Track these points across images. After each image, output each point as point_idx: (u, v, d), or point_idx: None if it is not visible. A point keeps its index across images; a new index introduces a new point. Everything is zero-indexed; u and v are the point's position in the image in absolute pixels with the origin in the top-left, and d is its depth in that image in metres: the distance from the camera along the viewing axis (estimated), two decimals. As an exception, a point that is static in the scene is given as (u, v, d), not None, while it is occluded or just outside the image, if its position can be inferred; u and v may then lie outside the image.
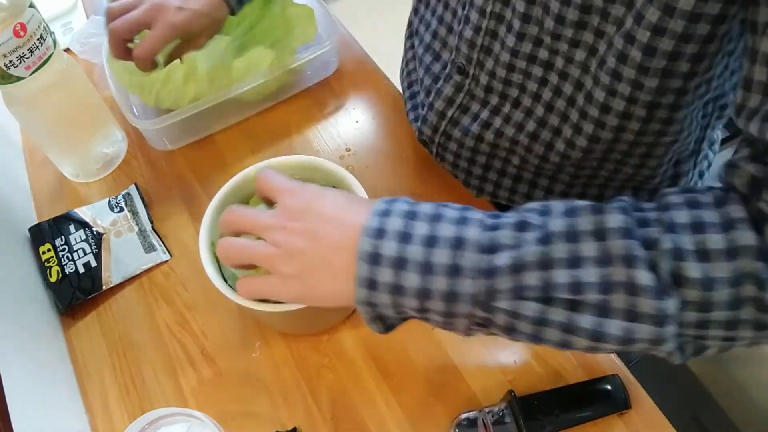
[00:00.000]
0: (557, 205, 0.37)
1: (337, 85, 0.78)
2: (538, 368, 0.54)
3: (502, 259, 0.34)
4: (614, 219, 0.33)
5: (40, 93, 0.61)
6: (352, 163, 0.70)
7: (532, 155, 0.55)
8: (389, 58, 1.01)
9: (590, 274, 0.33)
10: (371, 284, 0.36)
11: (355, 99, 0.77)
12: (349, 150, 0.71)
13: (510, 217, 0.36)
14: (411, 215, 0.37)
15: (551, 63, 0.48)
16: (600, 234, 0.33)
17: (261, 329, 0.59)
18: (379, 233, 0.36)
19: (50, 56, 0.59)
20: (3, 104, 0.62)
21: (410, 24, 0.67)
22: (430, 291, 0.35)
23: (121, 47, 0.59)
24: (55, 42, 0.61)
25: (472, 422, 0.49)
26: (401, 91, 0.71)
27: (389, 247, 0.35)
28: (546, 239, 0.34)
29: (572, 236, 0.34)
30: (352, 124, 0.74)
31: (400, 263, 0.35)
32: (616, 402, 0.50)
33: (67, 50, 0.78)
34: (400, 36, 0.70)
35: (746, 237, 0.32)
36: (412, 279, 0.35)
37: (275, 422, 0.53)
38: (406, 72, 0.69)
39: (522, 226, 0.35)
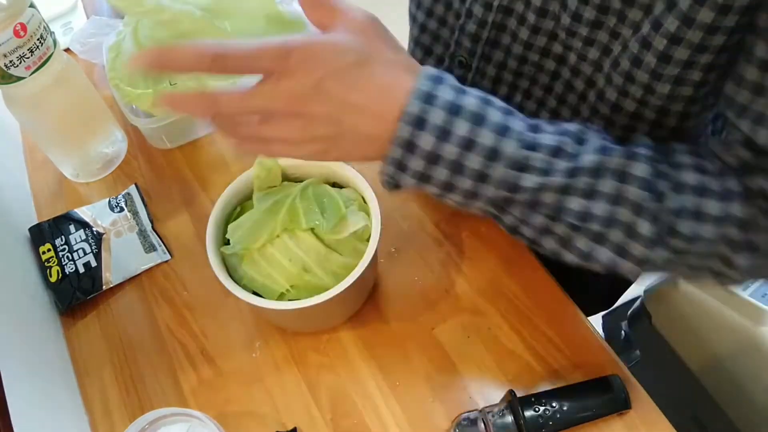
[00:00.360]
0: (593, 139, 0.39)
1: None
2: (538, 368, 0.54)
3: (529, 181, 0.37)
4: (640, 168, 0.37)
5: (40, 93, 0.61)
6: (351, 163, 0.70)
7: None
8: (389, 58, 1.01)
9: (600, 207, 0.37)
10: (401, 167, 0.37)
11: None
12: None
13: (548, 138, 0.38)
14: (455, 110, 0.36)
15: (564, 58, 0.48)
16: (622, 176, 0.37)
17: (261, 329, 0.59)
18: (419, 123, 0.36)
19: (50, 56, 0.60)
20: (3, 104, 0.62)
21: None
22: (453, 186, 0.38)
23: None
24: (55, 42, 0.61)
25: (472, 422, 0.49)
26: None
27: (426, 140, 0.36)
28: (574, 171, 0.37)
29: (597, 172, 0.37)
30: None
31: (433, 158, 0.36)
32: (616, 402, 0.50)
33: (67, 50, 0.78)
34: (401, 36, 0.69)
35: (735, 208, 0.37)
36: (440, 172, 0.37)
37: (275, 422, 0.53)
38: None
39: (557, 152, 0.37)
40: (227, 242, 0.53)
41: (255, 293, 0.51)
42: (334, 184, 0.56)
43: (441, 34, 0.56)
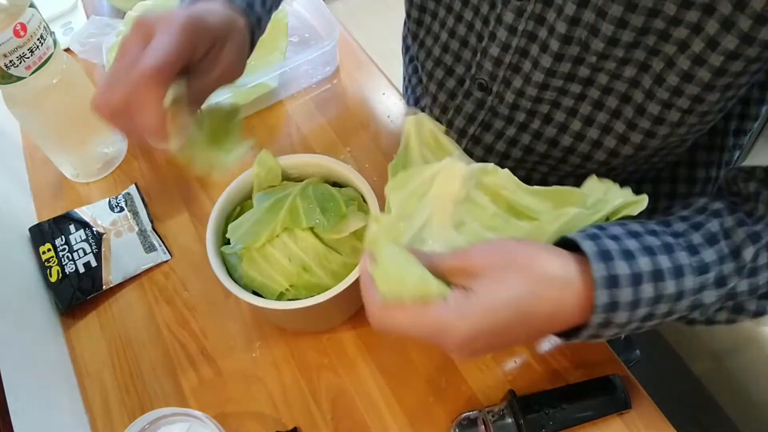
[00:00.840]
0: (739, 232, 0.39)
1: (337, 85, 0.78)
2: (538, 368, 0.54)
3: (709, 297, 0.38)
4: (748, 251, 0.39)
5: (40, 93, 0.61)
6: (350, 164, 0.70)
7: (566, 165, 0.55)
8: (389, 58, 1.01)
9: (764, 277, 0.39)
10: (596, 336, 0.38)
11: (354, 99, 0.77)
12: (348, 150, 0.71)
13: (709, 252, 0.38)
14: (637, 280, 0.36)
15: (592, 80, 0.46)
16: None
17: (261, 329, 0.59)
18: (612, 306, 0.36)
19: (50, 56, 0.60)
20: (3, 104, 0.62)
21: (405, 39, 0.65)
22: (640, 327, 0.38)
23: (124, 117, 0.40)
24: (55, 42, 0.61)
25: (472, 422, 0.49)
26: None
27: (622, 317, 0.36)
28: (740, 270, 0.39)
29: (755, 256, 0.39)
30: (351, 123, 0.74)
31: (625, 323, 0.37)
32: (616, 402, 0.50)
33: (67, 50, 0.78)
34: (401, 36, 0.69)
35: None
36: (630, 326, 0.37)
37: (275, 422, 0.53)
38: (410, 89, 0.67)
39: (722, 260, 0.38)
40: (227, 242, 0.53)
41: (255, 293, 0.51)
42: (335, 184, 0.56)
43: (462, 55, 0.55)
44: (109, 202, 0.69)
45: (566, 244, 0.38)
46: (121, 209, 0.68)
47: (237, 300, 0.49)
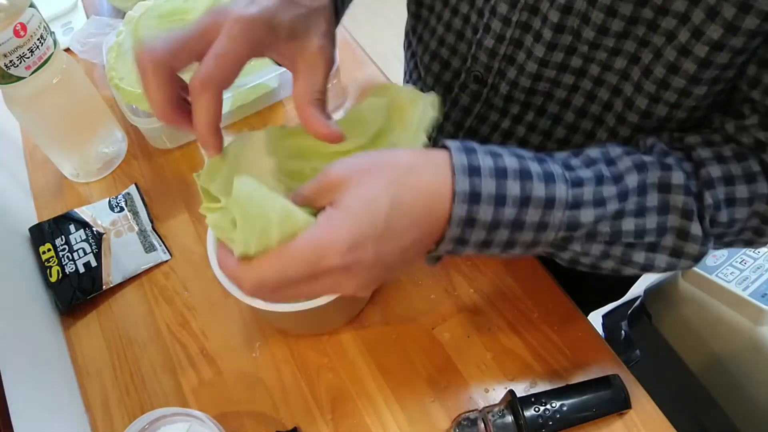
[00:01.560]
0: (623, 157, 0.40)
1: (337, 85, 0.78)
2: (538, 368, 0.54)
3: (586, 216, 0.38)
4: (677, 176, 0.39)
5: (40, 93, 0.61)
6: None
7: None
8: (389, 58, 1.01)
9: (652, 221, 0.39)
10: (461, 242, 0.37)
11: (354, 99, 0.76)
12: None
13: (585, 171, 0.39)
14: (501, 174, 0.36)
15: (584, 70, 0.47)
16: (664, 188, 0.40)
17: (261, 329, 0.59)
18: (474, 197, 0.35)
19: (50, 56, 0.60)
20: (3, 104, 0.62)
21: (408, 34, 0.65)
22: (514, 242, 0.38)
23: (169, 92, 0.38)
24: (55, 42, 0.61)
25: (472, 422, 0.49)
26: None
27: (485, 211, 0.36)
28: (622, 195, 0.39)
29: (643, 189, 0.39)
30: (352, 124, 0.74)
31: (494, 224, 0.36)
32: (616, 402, 0.50)
33: (67, 50, 0.78)
34: (401, 36, 0.69)
35: (761, 186, 0.40)
36: (501, 234, 0.37)
37: (275, 422, 0.53)
38: (411, 83, 0.68)
39: (600, 181, 0.39)
40: None
41: None
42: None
43: (458, 48, 0.55)
44: (109, 202, 0.69)
45: None
46: (121, 209, 0.68)
47: (237, 300, 0.49)
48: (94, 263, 0.63)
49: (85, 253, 0.64)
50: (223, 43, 0.36)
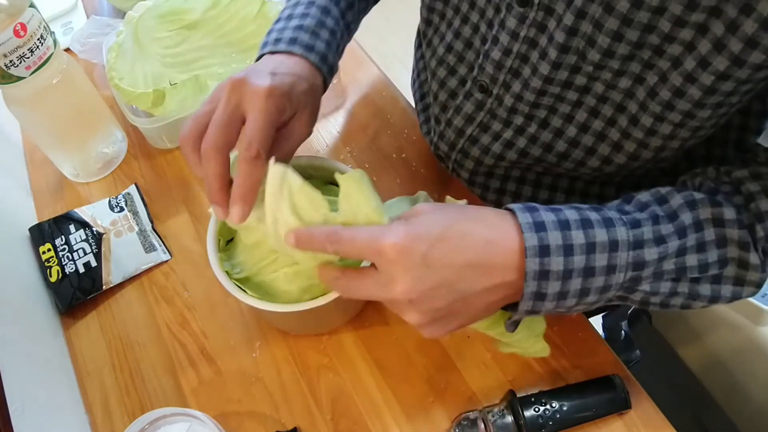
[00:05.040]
0: (676, 198, 0.42)
1: (337, 85, 0.78)
2: (538, 368, 0.54)
3: (650, 254, 0.39)
4: (729, 212, 0.41)
5: (40, 93, 0.61)
6: (351, 163, 0.70)
7: (560, 169, 0.55)
8: (390, 58, 1.01)
9: (713, 254, 0.41)
10: (540, 296, 0.38)
11: (354, 99, 0.77)
12: (348, 150, 0.71)
13: (640, 213, 0.41)
14: (565, 225, 0.38)
15: (589, 88, 0.47)
16: (719, 223, 0.41)
17: (261, 329, 0.59)
18: (543, 250, 0.37)
19: (50, 56, 0.60)
20: (3, 104, 0.62)
21: (419, 34, 0.65)
22: (588, 290, 0.39)
23: (225, 174, 0.42)
24: (55, 42, 0.61)
25: (472, 422, 0.49)
26: (413, 102, 0.70)
27: (556, 262, 0.37)
28: (681, 232, 0.40)
29: (698, 225, 0.41)
30: (351, 123, 0.74)
31: (567, 274, 0.38)
32: (616, 402, 0.50)
33: (67, 50, 0.78)
34: (401, 36, 0.69)
35: None
36: (575, 283, 0.38)
37: (275, 422, 0.53)
38: (418, 83, 0.68)
39: (656, 220, 0.40)
40: (229, 241, 0.53)
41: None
42: (334, 183, 0.56)
43: (466, 56, 0.55)
44: (109, 202, 0.69)
45: None
46: (121, 209, 0.68)
47: (237, 300, 0.49)
48: (94, 263, 0.63)
49: (85, 253, 0.64)
50: (259, 117, 0.41)
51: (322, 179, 0.56)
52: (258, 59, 0.50)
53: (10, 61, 0.56)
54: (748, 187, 0.42)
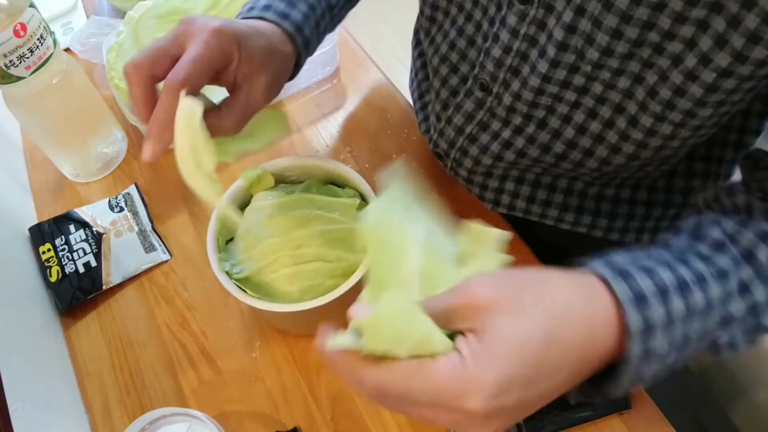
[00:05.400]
0: (745, 234, 0.37)
1: (337, 85, 0.78)
2: (538, 368, 0.54)
3: (738, 309, 0.36)
4: None
5: (40, 93, 0.61)
6: (351, 163, 0.70)
7: (558, 169, 0.55)
8: (389, 58, 1.01)
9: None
10: (635, 381, 0.34)
11: (354, 99, 0.77)
12: (348, 150, 0.71)
13: (721, 258, 0.36)
14: (664, 293, 0.32)
15: (587, 88, 0.46)
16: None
17: (261, 329, 0.59)
18: (648, 332, 0.32)
19: (50, 56, 0.60)
20: (3, 104, 0.62)
21: (417, 32, 0.65)
22: (679, 363, 0.35)
23: (147, 96, 0.41)
24: (55, 42, 0.61)
25: (472, 422, 0.49)
26: (411, 102, 0.70)
27: (661, 344, 0.32)
28: (765, 279, 0.36)
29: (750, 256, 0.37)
30: (351, 123, 0.74)
31: (667, 353, 0.33)
32: (616, 402, 0.50)
33: (67, 50, 0.78)
34: (401, 36, 0.69)
35: None
36: (670, 358, 0.34)
37: (275, 422, 0.53)
38: (416, 82, 0.68)
39: (737, 263, 0.36)
40: (229, 240, 0.53)
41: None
42: (334, 184, 0.56)
43: (468, 54, 0.55)
44: (109, 202, 0.69)
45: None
46: (121, 209, 0.68)
47: (237, 300, 0.49)
48: (93, 263, 0.63)
49: (85, 253, 0.64)
50: (198, 49, 0.40)
51: (322, 179, 0.56)
52: None
53: (10, 61, 0.56)
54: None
